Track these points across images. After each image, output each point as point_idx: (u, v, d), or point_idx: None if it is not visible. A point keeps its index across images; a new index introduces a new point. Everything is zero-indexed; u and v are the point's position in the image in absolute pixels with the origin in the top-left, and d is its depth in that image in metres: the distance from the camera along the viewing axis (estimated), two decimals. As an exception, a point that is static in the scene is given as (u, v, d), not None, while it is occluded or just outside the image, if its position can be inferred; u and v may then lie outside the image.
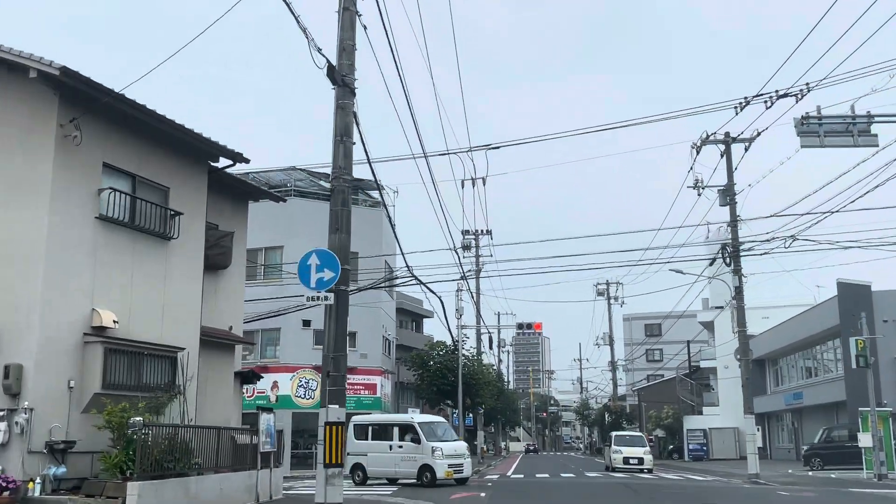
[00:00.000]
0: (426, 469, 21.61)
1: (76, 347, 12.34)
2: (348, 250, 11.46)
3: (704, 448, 50.05)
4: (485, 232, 48.35)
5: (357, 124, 11.88)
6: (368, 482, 23.00)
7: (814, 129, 19.43)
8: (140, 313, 13.58)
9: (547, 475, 29.85)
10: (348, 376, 29.74)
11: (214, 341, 16.41)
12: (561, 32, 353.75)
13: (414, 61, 20.80)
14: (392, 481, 22.76)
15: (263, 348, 29.49)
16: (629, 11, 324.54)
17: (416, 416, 24.26)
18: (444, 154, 25.32)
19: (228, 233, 17.30)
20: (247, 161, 15.62)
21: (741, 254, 26.09)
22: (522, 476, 29.59)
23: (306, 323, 29.31)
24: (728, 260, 26.68)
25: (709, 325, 54.72)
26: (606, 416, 72.31)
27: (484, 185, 26.23)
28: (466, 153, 26.52)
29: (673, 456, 52.51)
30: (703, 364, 54.95)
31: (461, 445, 23.58)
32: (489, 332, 47.91)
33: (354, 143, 11.55)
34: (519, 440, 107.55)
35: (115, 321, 12.64)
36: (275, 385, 28.63)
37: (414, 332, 60.12)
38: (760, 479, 24.61)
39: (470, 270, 46.67)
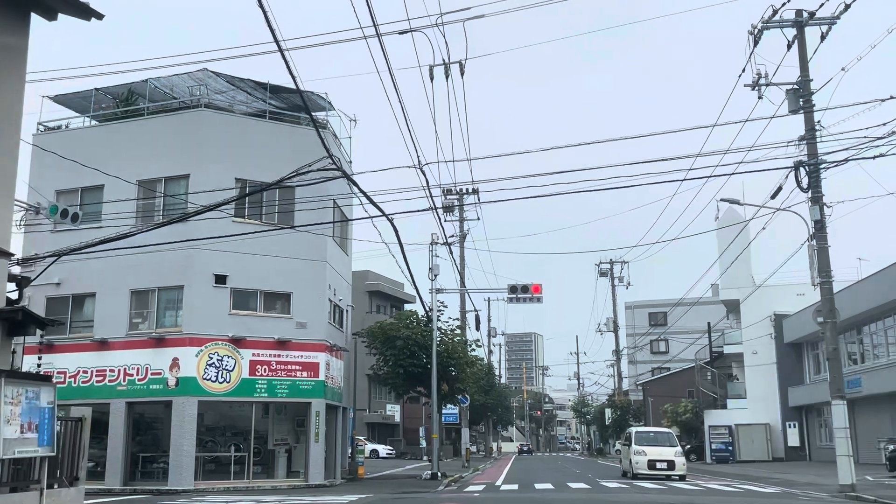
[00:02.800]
0: None
1: None
2: None
3: (730, 448, 42.35)
4: (471, 191, 40.91)
5: None
6: None
7: None
8: None
9: (550, 486, 22.02)
10: (277, 352, 21.81)
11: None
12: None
13: None
14: None
15: (160, 313, 21.53)
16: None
17: None
18: (405, 31, 17.45)
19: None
20: None
21: (829, 165, 18.30)
22: (516, 487, 21.75)
23: (220, 279, 21.43)
24: (806, 183, 18.93)
25: (732, 305, 46.93)
26: (608, 412, 64.72)
27: (462, 73, 18.33)
28: (436, 26, 18.60)
29: (691, 457, 44.72)
30: (726, 350, 47.12)
31: None
32: (476, 312, 40.06)
33: None
34: (512, 440, 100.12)
35: None
36: (174, 363, 20.69)
37: (392, 319, 52.35)
38: (864, 495, 16.86)
39: (453, 236, 39.05)
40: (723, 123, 16.96)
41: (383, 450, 50.96)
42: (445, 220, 40.33)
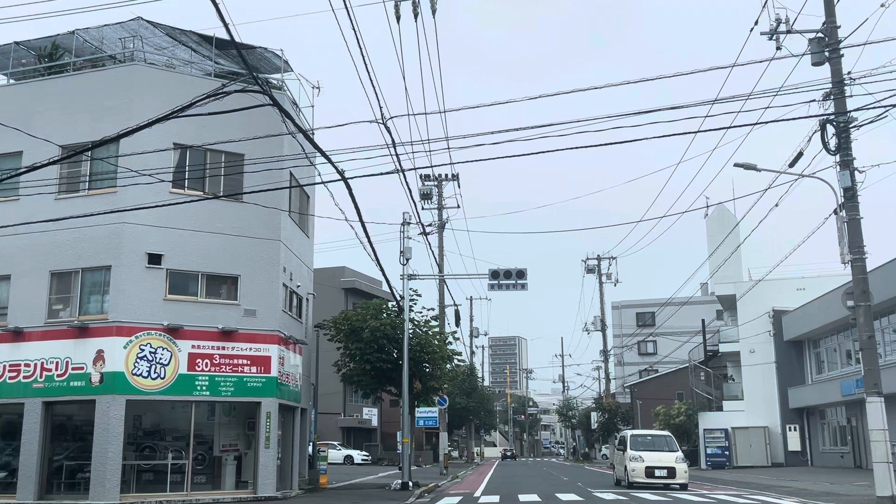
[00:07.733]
0: None
1: None
2: None
3: (726, 452, 39.72)
4: (450, 177, 38.13)
5: None
6: None
7: None
8: None
9: (536, 497, 19.19)
10: (221, 344, 18.65)
11: None
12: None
13: None
14: None
15: (84, 298, 18.53)
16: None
17: None
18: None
19: None
20: None
21: (862, 123, 15.62)
22: (497, 499, 18.90)
23: (154, 258, 18.45)
24: (834, 143, 16.26)
25: (727, 302, 44.40)
26: (595, 416, 62.07)
27: (434, 11, 15.50)
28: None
29: (684, 463, 42.09)
30: (721, 349, 44.51)
31: None
32: (456, 307, 37.29)
33: None
34: (495, 445, 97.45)
35: None
36: (99, 356, 17.69)
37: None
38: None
39: (431, 225, 36.20)
40: (744, 63, 14.26)
41: (358, 456, 48.07)
42: (423, 209, 37.62)
